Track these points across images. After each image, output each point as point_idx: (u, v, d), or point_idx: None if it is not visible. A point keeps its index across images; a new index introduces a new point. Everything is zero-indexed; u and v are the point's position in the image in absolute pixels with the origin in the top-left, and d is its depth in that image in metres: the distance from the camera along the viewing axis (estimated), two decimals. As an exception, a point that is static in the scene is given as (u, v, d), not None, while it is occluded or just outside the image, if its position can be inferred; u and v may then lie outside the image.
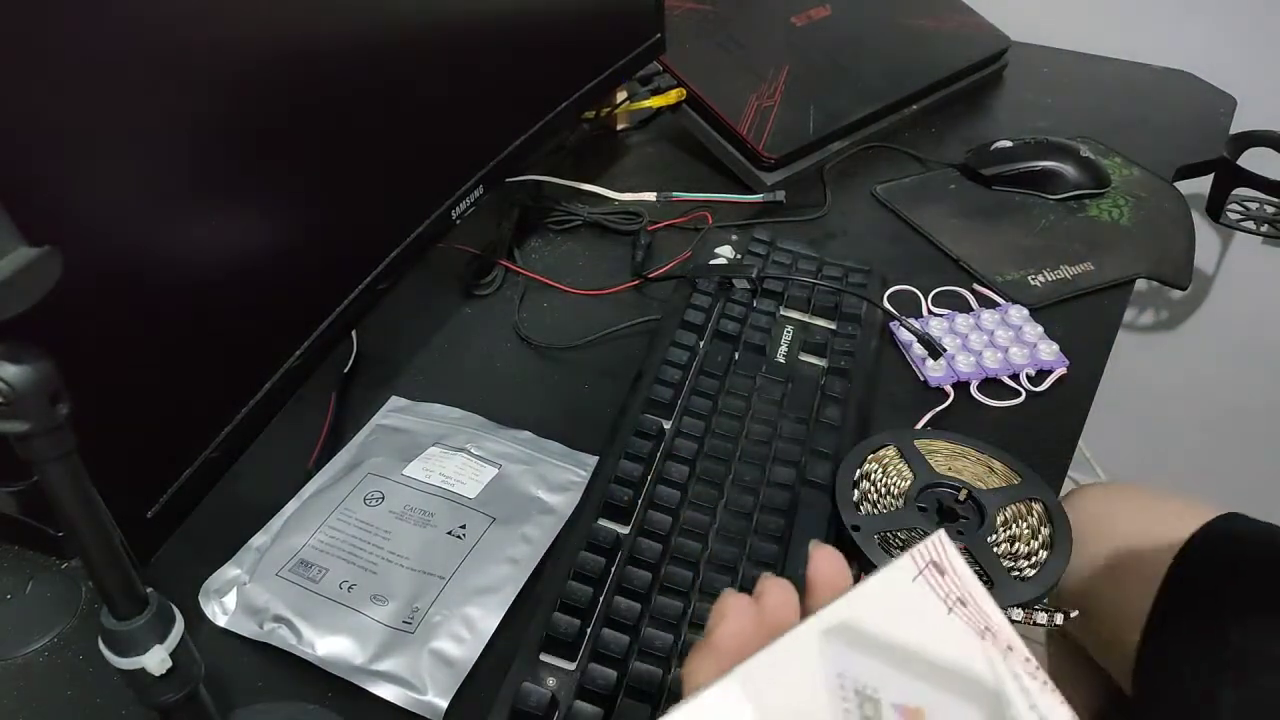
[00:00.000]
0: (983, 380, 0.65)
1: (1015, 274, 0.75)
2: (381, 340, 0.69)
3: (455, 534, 0.53)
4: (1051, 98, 1.04)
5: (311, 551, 0.52)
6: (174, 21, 0.39)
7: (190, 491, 0.45)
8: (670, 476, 0.54)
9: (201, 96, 0.42)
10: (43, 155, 0.35)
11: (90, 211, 0.38)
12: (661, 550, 0.50)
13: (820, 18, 0.98)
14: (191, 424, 0.45)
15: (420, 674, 0.46)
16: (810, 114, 0.89)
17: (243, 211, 0.46)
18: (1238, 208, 1.10)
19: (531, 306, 0.74)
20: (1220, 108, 1.04)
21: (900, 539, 0.51)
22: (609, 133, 0.98)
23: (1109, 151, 0.92)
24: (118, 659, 0.34)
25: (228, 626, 0.49)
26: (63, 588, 0.53)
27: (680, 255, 0.76)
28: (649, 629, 0.47)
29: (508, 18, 0.66)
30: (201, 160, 0.43)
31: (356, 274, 0.55)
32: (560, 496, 0.56)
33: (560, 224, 0.82)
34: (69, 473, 0.30)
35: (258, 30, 0.44)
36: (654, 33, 0.84)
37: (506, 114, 0.69)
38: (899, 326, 0.68)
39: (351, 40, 0.51)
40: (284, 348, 0.50)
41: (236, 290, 0.46)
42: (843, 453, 0.56)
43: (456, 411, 0.63)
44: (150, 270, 0.41)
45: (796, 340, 0.65)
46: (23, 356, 0.27)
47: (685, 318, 0.65)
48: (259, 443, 0.49)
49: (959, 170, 0.89)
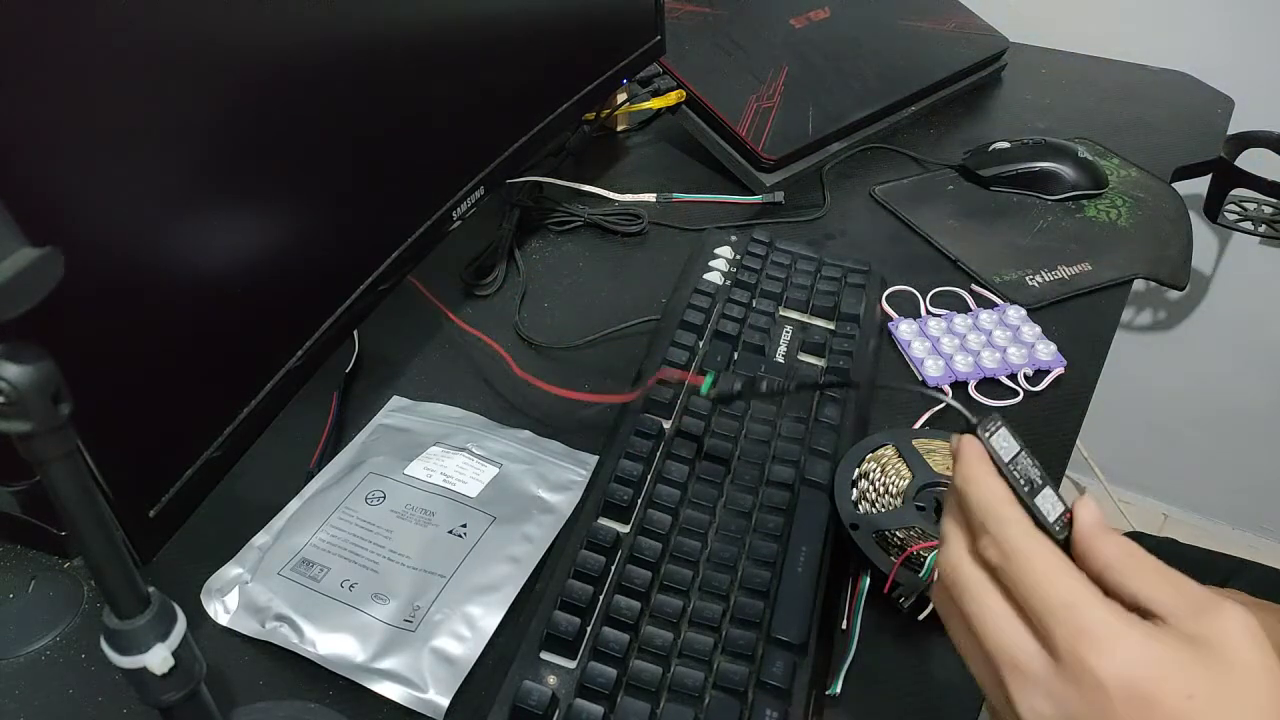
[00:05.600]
0: (980, 380, 0.66)
1: (1013, 274, 0.76)
2: (383, 340, 0.69)
3: (456, 533, 0.53)
4: (1050, 99, 1.05)
5: (313, 550, 0.52)
6: (176, 23, 0.40)
7: (192, 491, 0.45)
8: (670, 475, 0.54)
9: (204, 98, 0.42)
10: (45, 156, 0.35)
11: (92, 212, 0.38)
12: (661, 549, 0.50)
13: (819, 19, 0.98)
14: (194, 424, 0.45)
15: (421, 672, 0.47)
16: (809, 115, 0.89)
17: (244, 212, 0.46)
18: (1235, 208, 1.10)
19: (532, 306, 0.74)
20: (1218, 108, 1.04)
21: (899, 538, 0.51)
22: (609, 134, 0.99)
23: (1107, 152, 0.92)
24: (120, 658, 0.34)
25: (230, 625, 0.50)
26: (65, 587, 0.53)
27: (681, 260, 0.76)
28: (649, 627, 0.47)
29: (508, 20, 0.66)
30: (203, 161, 0.43)
31: (358, 274, 0.55)
32: (561, 496, 0.56)
33: (560, 225, 0.83)
34: (71, 472, 0.30)
35: (260, 32, 0.45)
36: (654, 35, 0.84)
37: (507, 115, 0.69)
38: (897, 326, 0.68)
39: (353, 42, 0.51)
40: (286, 348, 0.50)
41: (239, 290, 0.46)
42: (841, 452, 0.56)
43: (457, 411, 0.63)
44: (153, 270, 0.41)
45: (795, 340, 0.66)
46: (25, 356, 0.27)
47: (684, 318, 0.66)
48: (261, 442, 0.49)
49: (957, 171, 0.89)
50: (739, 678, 0.45)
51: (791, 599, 0.48)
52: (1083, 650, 0.30)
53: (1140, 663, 0.30)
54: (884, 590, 0.49)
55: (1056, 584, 0.32)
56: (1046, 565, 0.32)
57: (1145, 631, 0.30)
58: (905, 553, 0.49)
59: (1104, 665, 0.30)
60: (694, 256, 0.74)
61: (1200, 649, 0.30)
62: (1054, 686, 0.31)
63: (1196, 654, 0.30)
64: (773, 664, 0.45)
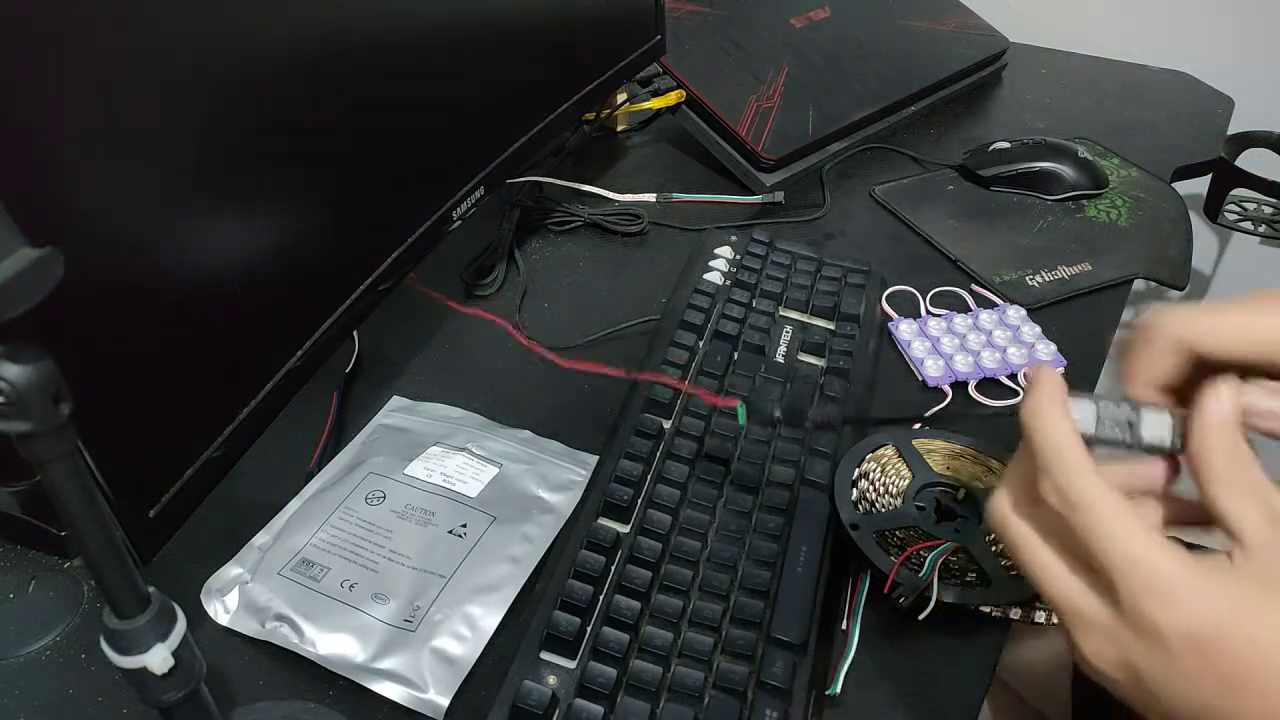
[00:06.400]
0: (980, 380, 0.66)
1: (1013, 274, 0.75)
2: (383, 340, 0.69)
3: (456, 533, 0.53)
4: (1049, 99, 1.05)
5: (313, 550, 0.52)
6: (176, 22, 0.40)
7: (192, 491, 0.45)
8: (670, 475, 0.54)
9: (203, 98, 0.42)
10: (45, 155, 0.35)
11: (92, 212, 0.38)
12: (661, 549, 0.50)
13: (819, 19, 0.98)
14: (194, 423, 0.45)
15: (421, 672, 0.47)
16: (809, 115, 0.89)
17: (245, 212, 0.46)
18: (1235, 208, 1.10)
19: (532, 306, 0.74)
20: (1218, 108, 1.04)
21: (899, 538, 0.51)
22: (609, 134, 0.99)
23: (1107, 152, 0.92)
24: (120, 658, 0.34)
25: (230, 625, 0.50)
26: (65, 587, 0.53)
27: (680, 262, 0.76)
28: (649, 627, 0.47)
29: (508, 20, 0.66)
30: (203, 161, 0.43)
31: (358, 274, 0.55)
32: (561, 495, 0.56)
33: (561, 225, 0.83)
34: (71, 472, 0.30)
35: (260, 32, 0.45)
36: (654, 35, 0.84)
37: (507, 115, 0.69)
38: (897, 326, 0.68)
39: (353, 42, 0.51)
40: (286, 348, 0.50)
41: (239, 290, 0.46)
42: (841, 452, 0.56)
43: (457, 411, 0.63)
44: (152, 270, 0.41)
45: (795, 340, 0.66)
46: (24, 356, 0.27)
47: (684, 318, 0.66)
48: (261, 442, 0.49)
49: (957, 171, 0.89)
50: (739, 678, 0.45)
51: (791, 599, 0.48)
52: (1144, 604, 0.30)
53: (1203, 614, 0.29)
54: (884, 590, 0.49)
55: (1118, 538, 0.31)
56: (1110, 517, 0.32)
57: (1211, 579, 0.30)
58: (905, 553, 0.49)
59: (1165, 618, 0.30)
60: (694, 256, 0.74)
61: (1272, 590, 0.29)
62: (1117, 634, 0.31)
63: (1266, 597, 0.29)
64: (773, 664, 0.45)
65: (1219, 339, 0.35)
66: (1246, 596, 0.30)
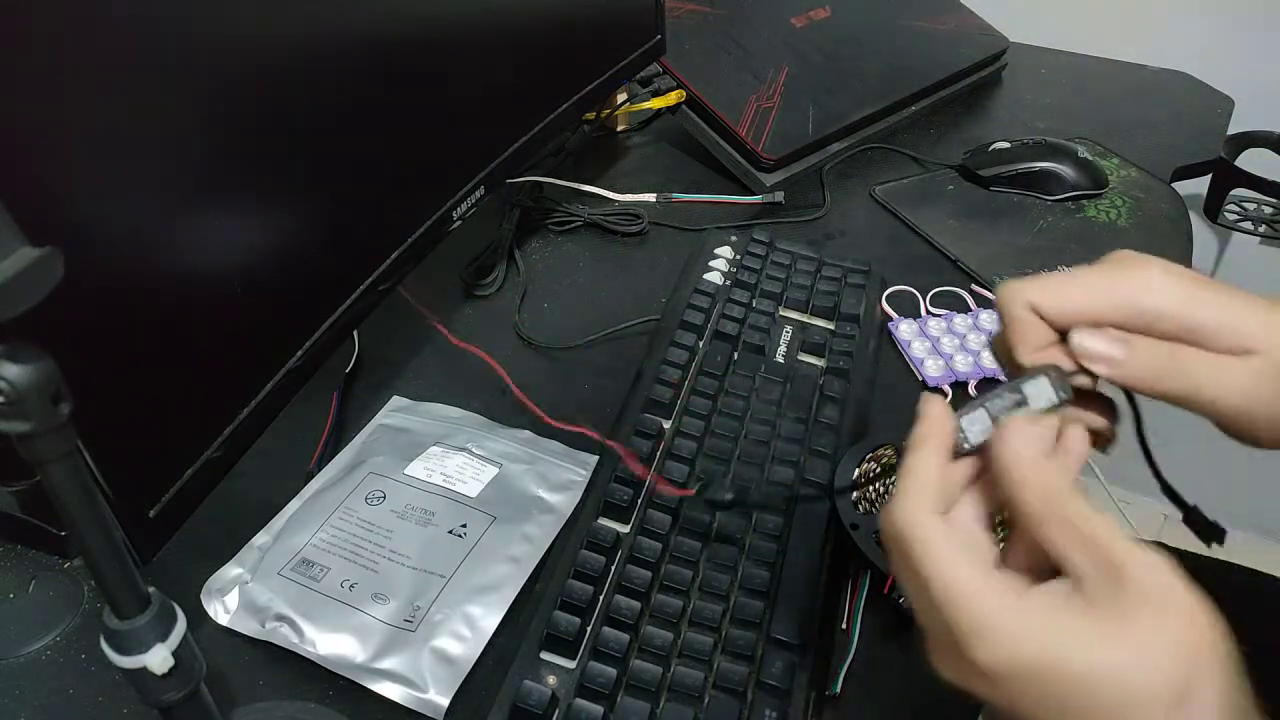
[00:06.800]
0: (980, 380, 0.66)
1: (1013, 274, 0.76)
2: (383, 340, 0.69)
3: (456, 533, 0.53)
4: (1050, 98, 1.05)
5: (313, 550, 0.52)
6: (176, 21, 0.40)
7: (192, 491, 0.45)
8: (670, 475, 0.54)
9: (203, 97, 0.42)
10: (45, 155, 0.35)
11: (92, 212, 0.38)
12: (661, 549, 0.50)
13: (820, 19, 0.98)
14: (194, 424, 0.45)
15: (421, 672, 0.47)
16: (809, 115, 0.89)
17: (245, 212, 0.46)
18: (1235, 208, 1.10)
19: (531, 307, 0.74)
20: (1218, 108, 1.04)
21: (899, 538, 0.51)
22: (609, 134, 0.99)
23: (1107, 152, 0.92)
24: (120, 658, 0.34)
25: (230, 625, 0.50)
26: (65, 587, 0.53)
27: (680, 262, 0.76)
28: (649, 627, 0.47)
29: (508, 20, 0.66)
30: (203, 161, 0.43)
31: (358, 274, 0.55)
32: (561, 495, 0.56)
33: (561, 225, 0.83)
34: (71, 472, 0.30)
35: (260, 31, 0.45)
36: (654, 34, 0.84)
37: (507, 115, 0.69)
38: (897, 326, 0.68)
39: (353, 42, 0.51)
40: (286, 348, 0.50)
41: (239, 290, 0.46)
42: (841, 452, 0.56)
43: (457, 411, 0.63)
44: (153, 270, 0.41)
45: (795, 340, 0.66)
46: (24, 356, 0.27)
47: (684, 318, 0.66)
48: (261, 442, 0.49)
49: (957, 171, 0.89)
50: (739, 678, 0.45)
51: (791, 599, 0.48)
52: (966, 643, 0.31)
53: (1027, 646, 0.30)
54: (884, 590, 0.49)
55: (939, 574, 0.32)
56: (937, 558, 0.32)
57: (1039, 613, 0.30)
58: (905, 553, 0.49)
59: (986, 657, 0.30)
60: (694, 256, 0.74)
61: (1105, 615, 0.30)
62: (957, 664, 0.32)
63: (1100, 623, 0.30)
64: (772, 664, 0.45)
65: (1062, 302, 0.37)
66: (1080, 622, 0.30)
